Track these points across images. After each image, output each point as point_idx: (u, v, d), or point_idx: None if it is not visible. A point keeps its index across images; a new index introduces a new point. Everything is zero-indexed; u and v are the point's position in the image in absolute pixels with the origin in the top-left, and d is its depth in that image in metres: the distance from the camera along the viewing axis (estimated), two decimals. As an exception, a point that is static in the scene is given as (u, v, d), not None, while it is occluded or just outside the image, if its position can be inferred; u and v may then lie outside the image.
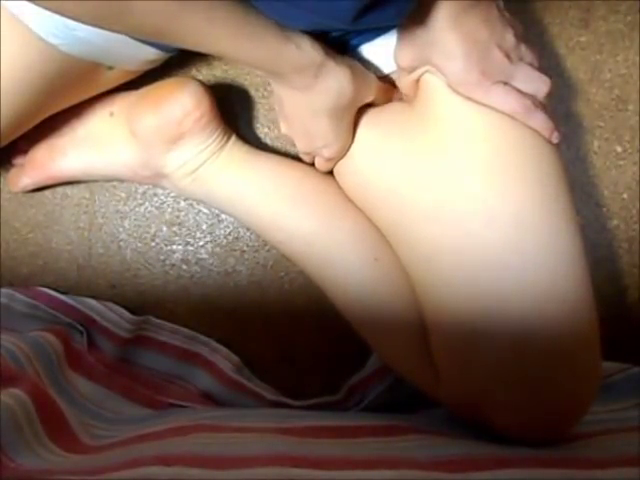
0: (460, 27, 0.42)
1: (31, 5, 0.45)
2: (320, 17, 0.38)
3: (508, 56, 0.44)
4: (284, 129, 0.51)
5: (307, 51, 0.42)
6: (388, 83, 0.51)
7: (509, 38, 0.44)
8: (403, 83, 0.48)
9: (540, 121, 0.45)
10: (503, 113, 0.44)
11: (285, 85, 0.45)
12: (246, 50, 0.40)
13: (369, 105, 0.50)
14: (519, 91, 0.45)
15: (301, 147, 0.51)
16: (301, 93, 0.45)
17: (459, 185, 0.44)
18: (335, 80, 0.44)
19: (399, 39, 0.46)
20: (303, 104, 0.46)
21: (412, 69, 0.46)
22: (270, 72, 0.44)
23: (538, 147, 0.45)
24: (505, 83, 0.44)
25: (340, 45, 0.48)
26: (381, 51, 0.49)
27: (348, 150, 0.50)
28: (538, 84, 0.45)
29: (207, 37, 0.38)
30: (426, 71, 0.46)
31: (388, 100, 0.51)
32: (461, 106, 0.45)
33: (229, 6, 0.37)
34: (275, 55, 0.41)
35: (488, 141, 0.45)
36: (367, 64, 0.49)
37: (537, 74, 0.46)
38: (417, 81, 0.47)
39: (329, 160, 0.51)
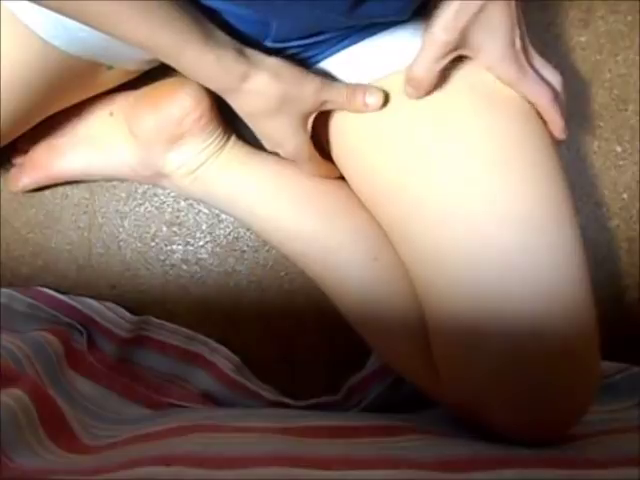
0: (509, 4, 0.42)
1: (31, 5, 0.45)
2: (317, 8, 0.38)
3: (525, 50, 0.45)
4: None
5: (227, 64, 0.42)
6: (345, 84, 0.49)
7: (524, 30, 0.45)
8: (423, 73, 0.44)
9: (558, 115, 0.45)
10: (508, 111, 0.44)
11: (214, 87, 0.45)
12: (162, 45, 0.40)
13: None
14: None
15: (265, 146, 0.51)
16: (230, 98, 0.45)
17: (467, 185, 0.44)
18: (259, 84, 0.43)
19: (441, 11, 0.43)
20: (237, 108, 0.46)
21: (445, 53, 0.44)
22: (190, 76, 0.44)
23: (537, 147, 0.45)
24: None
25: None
26: (369, 55, 0.49)
27: (306, 151, 0.50)
28: (554, 77, 0.47)
29: (120, 25, 0.38)
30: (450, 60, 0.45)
31: (352, 104, 0.48)
32: (470, 105, 0.45)
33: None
34: (193, 59, 0.41)
35: (495, 141, 0.44)
36: (358, 66, 0.49)
37: (551, 68, 0.46)
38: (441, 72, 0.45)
39: (293, 159, 0.51)
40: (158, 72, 0.58)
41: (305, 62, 0.49)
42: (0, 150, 0.56)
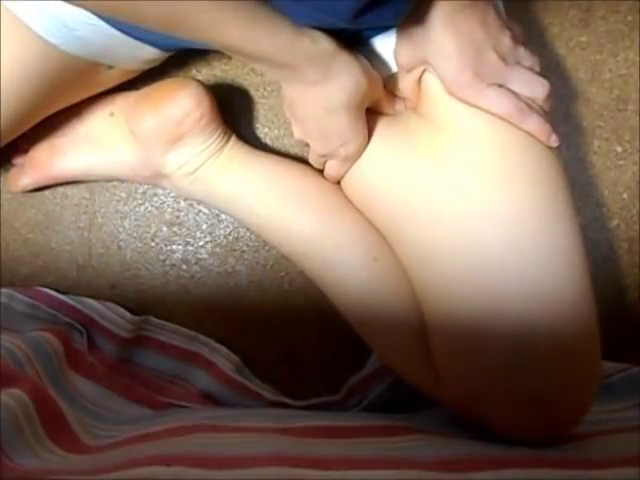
0: (455, 27, 0.42)
1: (31, 4, 0.45)
2: (322, 14, 0.38)
3: (504, 59, 0.44)
4: (297, 134, 0.50)
5: (320, 42, 0.41)
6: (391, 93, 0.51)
7: (506, 41, 0.44)
8: (405, 84, 0.48)
9: (535, 124, 0.45)
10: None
11: (297, 83, 0.44)
12: (258, 41, 0.39)
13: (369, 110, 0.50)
14: (515, 94, 0.45)
15: (318, 149, 0.50)
16: (315, 89, 0.44)
17: (459, 186, 0.44)
18: (349, 73, 0.43)
19: (398, 38, 0.46)
20: (317, 102, 0.45)
21: (411, 68, 0.46)
22: (283, 65, 0.42)
23: (537, 148, 0.45)
24: (500, 86, 0.44)
25: (351, 38, 0.47)
26: (388, 49, 0.49)
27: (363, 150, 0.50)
28: (535, 87, 0.45)
29: (218, 27, 0.38)
30: (424, 71, 0.46)
31: (389, 101, 0.51)
32: (460, 107, 0.45)
33: (241, 1, 0.37)
34: (288, 45, 0.40)
35: (487, 142, 0.45)
36: (376, 60, 0.49)
37: (535, 77, 0.45)
38: (418, 83, 0.47)
39: (345, 161, 0.50)
40: (158, 72, 0.59)
41: None
42: (0, 150, 0.56)
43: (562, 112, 0.63)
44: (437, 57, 0.44)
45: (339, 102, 0.44)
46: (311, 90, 0.44)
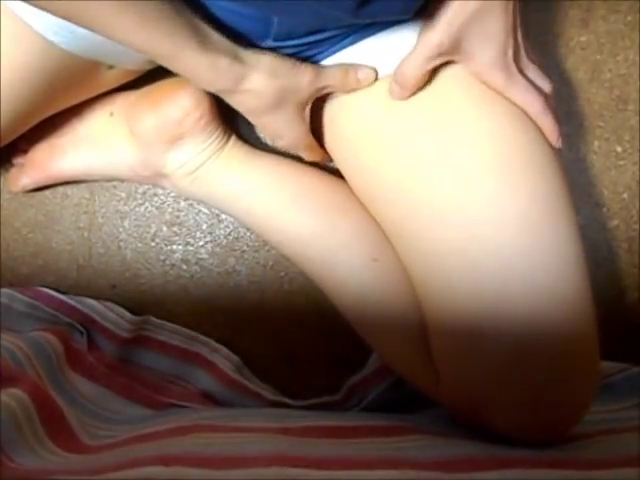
0: (507, 11, 0.42)
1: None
2: (323, 6, 0.38)
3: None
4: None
5: (222, 69, 0.42)
6: (335, 67, 0.49)
7: (520, 34, 0.45)
8: (416, 70, 0.45)
9: (550, 122, 0.45)
10: (507, 113, 0.44)
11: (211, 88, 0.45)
12: (156, 48, 0.40)
13: (370, 98, 0.49)
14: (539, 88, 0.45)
15: (266, 138, 0.52)
16: (227, 98, 0.46)
17: (466, 186, 0.44)
18: (256, 85, 0.44)
19: (430, 20, 0.44)
20: (235, 106, 0.47)
21: (437, 54, 0.44)
22: (190, 76, 0.43)
23: (541, 148, 0.45)
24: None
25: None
26: (373, 52, 0.49)
27: (305, 139, 0.51)
28: (544, 84, 0.46)
29: (116, 29, 0.38)
30: (446, 62, 0.45)
31: (346, 84, 0.49)
32: (469, 107, 0.45)
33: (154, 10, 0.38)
34: (188, 62, 0.41)
35: (495, 142, 0.44)
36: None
37: (541, 74, 0.46)
38: (427, 74, 0.45)
39: (291, 149, 0.52)
40: (158, 72, 0.58)
41: (305, 62, 0.49)
42: (0, 150, 0.56)
43: (562, 112, 0.63)
44: (481, 37, 0.43)
45: (252, 107, 0.46)
46: (227, 95, 0.45)
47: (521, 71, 0.45)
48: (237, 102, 0.46)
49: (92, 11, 0.37)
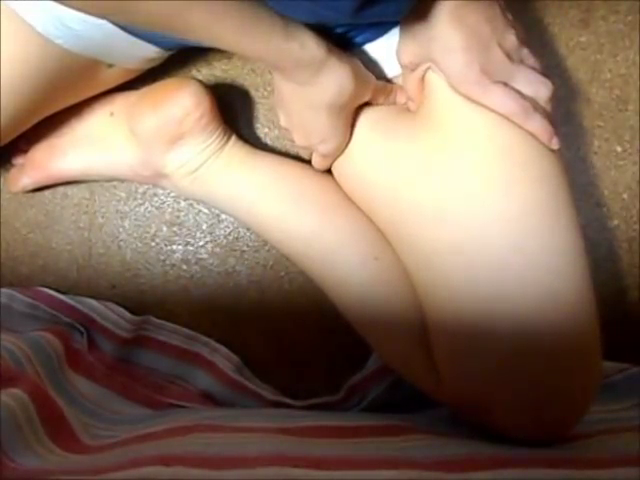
0: (461, 21, 0.42)
1: (31, 2, 0.45)
2: (322, 8, 0.38)
3: (509, 56, 0.44)
4: (283, 121, 0.51)
5: (310, 49, 0.42)
6: (389, 84, 0.51)
7: (511, 38, 0.44)
8: (408, 83, 0.48)
9: (538, 124, 0.44)
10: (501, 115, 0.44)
11: (286, 78, 0.45)
12: (249, 45, 0.40)
13: (370, 105, 0.50)
14: (519, 93, 0.44)
15: (298, 141, 0.51)
16: (302, 89, 0.45)
17: (460, 185, 0.44)
18: (336, 78, 0.44)
19: (401, 35, 0.46)
20: (302, 98, 0.46)
21: (414, 66, 0.46)
22: (273, 66, 0.44)
23: (539, 148, 0.45)
24: (505, 84, 0.44)
25: (344, 43, 0.48)
26: (384, 53, 0.49)
27: (345, 149, 0.50)
28: (539, 87, 0.45)
29: (211, 32, 0.38)
30: (428, 68, 0.46)
31: (388, 101, 0.51)
32: (463, 106, 0.45)
33: (234, 4, 0.37)
34: (278, 51, 0.41)
35: (489, 142, 0.45)
36: (370, 65, 0.49)
37: (539, 77, 0.45)
38: (422, 81, 0.47)
39: (325, 157, 0.51)
40: (158, 72, 0.59)
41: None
42: (0, 150, 0.56)
43: (562, 112, 0.63)
44: (443, 52, 0.43)
45: (322, 103, 0.45)
46: (299, 88, 0.45)
47: (506, 78, 0.44)
48: (311, 94, 0.45)
49: (186, 17, 0.37)
